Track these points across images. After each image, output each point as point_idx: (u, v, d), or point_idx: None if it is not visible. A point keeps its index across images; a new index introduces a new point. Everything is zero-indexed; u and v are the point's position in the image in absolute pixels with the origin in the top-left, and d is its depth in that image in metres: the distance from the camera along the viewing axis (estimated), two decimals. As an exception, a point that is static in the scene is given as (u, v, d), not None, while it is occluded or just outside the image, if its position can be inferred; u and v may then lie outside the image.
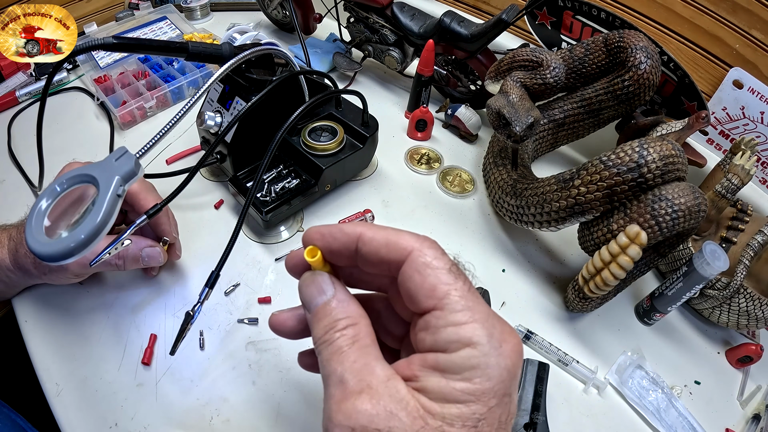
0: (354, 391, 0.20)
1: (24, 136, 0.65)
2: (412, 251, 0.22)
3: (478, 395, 0.20)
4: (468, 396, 0.20)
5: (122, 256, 0.42)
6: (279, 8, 0.89)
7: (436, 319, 0.21)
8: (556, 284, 0.54)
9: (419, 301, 0.22)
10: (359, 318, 0.23)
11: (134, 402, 0.40)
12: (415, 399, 0.20)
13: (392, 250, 0.23)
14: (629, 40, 0.52)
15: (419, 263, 0.22)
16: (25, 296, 0.46)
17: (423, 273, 0.22)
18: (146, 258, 0.43)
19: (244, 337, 0.45)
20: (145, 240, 0.44)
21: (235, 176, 0.54)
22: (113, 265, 0.43)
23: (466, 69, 0.74)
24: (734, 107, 0.57)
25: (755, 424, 0.46)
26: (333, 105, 0.61)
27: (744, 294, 0.47)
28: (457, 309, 0.21)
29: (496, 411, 0.20)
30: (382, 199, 0.61)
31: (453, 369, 0.20)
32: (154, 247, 0.44)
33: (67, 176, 0.33)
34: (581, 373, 0.46)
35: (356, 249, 0.24)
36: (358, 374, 0.21)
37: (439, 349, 0.21)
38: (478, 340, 0.20)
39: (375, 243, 0.23)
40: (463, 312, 0.21)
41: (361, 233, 0.24)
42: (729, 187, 0.49)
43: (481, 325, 0.21)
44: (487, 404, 0.20)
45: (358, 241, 0.24)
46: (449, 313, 0.21)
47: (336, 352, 0.22)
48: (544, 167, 0.68)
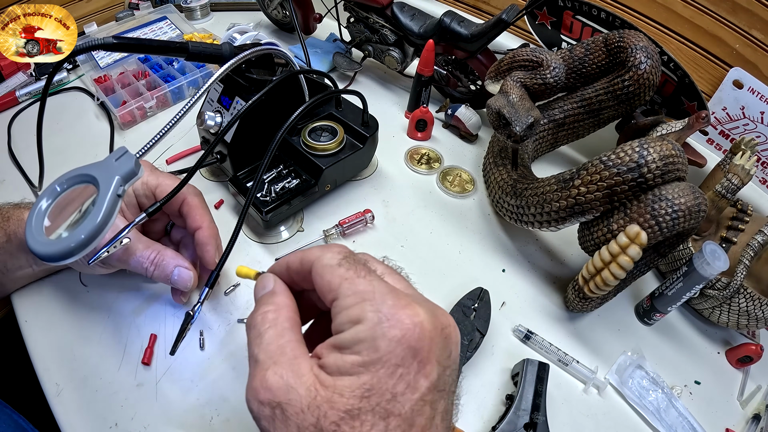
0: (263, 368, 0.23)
1: (24, 136, 0.65)
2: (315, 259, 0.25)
3: (367, 365, 0.21)
4: (357, 368, 0.21)
5: (156, 263, 0.41)
6: (279, 8, 0.89)
7: (335, 308, 0.24)
8: (556, 284, 0.54)
9: (324, 296, 0.25)
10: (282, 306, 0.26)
11: (134, 402, 0.40)
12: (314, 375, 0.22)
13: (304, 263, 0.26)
14: (629, 40, 0.52)
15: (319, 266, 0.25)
16: (25, 296, 0.46)
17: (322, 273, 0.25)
18: (176, 277, 0.41)
19: (244, 337, 0.45)
20: (183, 259, 0.42)
21: (235, 176, 0.54)
22: (143, 269, 0.41)
23: (466, 69, 0.74)
24: (734, 107, 0.57)
25: (755, 424, 0.46)
26: (333, 105, 0.61)
27: (744, 294, 0.47)
28: (348, 294, 0.23)
29: (387, 381, 0.21)
30: (382, 199, 0.61)
31: (345, 344, 0.22)
32: (189, 270, 0.42)
33: (67, 176, 0.33)
34: (581, 373, 0.46)
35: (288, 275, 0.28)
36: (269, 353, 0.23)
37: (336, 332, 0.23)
38: (364, 316, 0.22)
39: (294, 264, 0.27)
40: (351, 296, 0.23)
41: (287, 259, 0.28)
42: (729, 187, 0.49)
43: (368, 303, 0.23)
44: (376, 374, 0.21)
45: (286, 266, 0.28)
46: (342, 299, 0.23)
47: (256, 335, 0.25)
48: (544, 167, 0.68)
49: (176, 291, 0.45)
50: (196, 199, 0.44)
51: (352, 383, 0.21)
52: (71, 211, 0.34)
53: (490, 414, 0.43)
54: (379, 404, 0.21)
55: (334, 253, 0.25)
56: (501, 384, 0.45)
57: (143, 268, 0.41)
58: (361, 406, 0.21)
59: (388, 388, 0.21)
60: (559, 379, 0.46)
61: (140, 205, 0.44)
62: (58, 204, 0.33)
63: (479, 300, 0.48)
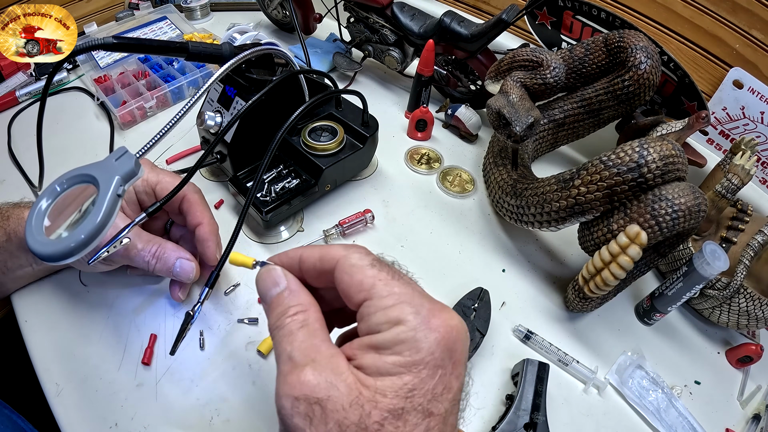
0: (300, 365, 0.22)
1: (24, 136, 0.65)
2: (340, 258, 0.25)
3: (409, 366, 0.21)
4: (399, 368, 0.21)
5: (158, 256, 0.41)
6: (279, 8, 0.89)
7: (367, 308, 0.23)
8: (556, 284, 0.54)
9: (352, 296, 0.24)
10: (309, 306, 0.26)
11: (134, 402, 0.40)
12: (353, 374, 0.22)
13: (325, 261, 0.26)
14: (629, 40, 0.52)
15: (346, 266, 0.25)
16: (25, 296, 0.46)
17: (350, 272, 0.25)
18: (178, 269, 0.42)
19: (244, 337, 0.45)
20: (184, 251, 0.42)
21: (235, 176, 0.54)
22: (144, 263, 0.41)
23: (466, 69, 0.74)
24: (734, 107, 0.57)
25: (755, 424, 0.46)
26: (333, 105, 0.61)
27: (744, 294, 0.47)
28: (383, 295, 0.23)
29: (428, 382, 0.21)
30: (382, 199, 0.61)
31: (384, 345, 0.22)
32: (191, 262, 0.42)
33: (67, 176, 0.33)
34: (581, 373, 0.46)
35: (299, 268, 0.28)
36: (305, 351, 0.23)
37: (372, 332, 0.23)
38: (405, 318, 0.22)
39: (311, 259, 0.27)
40: (389, 296, 0.23)
41: (300, 254, 0.28)
42: (729, 187, 0.49)
43: (407, 305, 0.23)
44: (419, 375, 0.21)
45: (299, 261, 0.27)
46: (377, 300, 0.23)
47: (287, 334, 0.24)
48: (544, 167, 0.68)
49: (175, 288, 0.45)
50: (196, 196, 0.44)
51: (395, 383, 0.21)
52: (71, 211, 0.34)
53: (490, 414, 0.43)
54: (421, 404, 0.21)
55: (362, 254, 0.25)
56: (501, 384, 0.45)
57: (145, 262, 0.41)
58: (404, 406, 0.21)
59: (429, 389, 0.21)
60: (559, 379, 0.46)
61: (140, 202, 0.44)
62: (58, 204, 0.33)
63: (479, 300, 0.48)
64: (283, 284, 0.27)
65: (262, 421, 0.40)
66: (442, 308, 0.24)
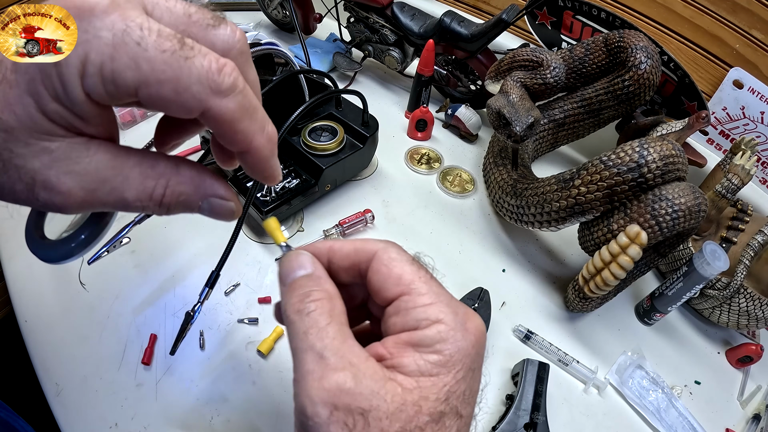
0: (336, 368, 0.20)
1: (24, 136, 0.65)
2: (378, 251, 0.25)
3: (449, 366, 0.21)
4: (439, 368, 0.21)
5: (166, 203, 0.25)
6: (279, 8, 0.89)
7: (405, 303, 0.23)
8: (556, 284, 0.54)
9: (387, 289, 0.24)
10: (335, 296, 0.24)
11: (134, 402, 0.40)
12: (390, 377, 0.21)
13: (361, 252, 0.25)
14: (629, 40, 0.52)
15: (385, 258, 0.24)
16: (25, 296, 0.46)
17: (389, 265, 0.24)
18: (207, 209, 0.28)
19: (244, 337, 0.45)
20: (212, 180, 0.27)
21: (235, 176, 0.54)
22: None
23: (466, 69, 0.74)
24: (734, 107, 0.57)
25: (755, 424, 0.46)
26: (333, 105, 0.61)
27: (744, 294, 0.47)
28: (423, 292, 0.23)
29: (462, 384, 0.21)
30: (382, 199, 0.61)
31: (425, 342, 0.22)
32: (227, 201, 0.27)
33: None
34: (581, 373, 0.46)
35: (328, 259, 0.26)
36: (339, 352, 0.21)
37: (410, 329, 0.22)
38: (444, 318, 0.22)
39: (345, 250, 0.26)
40: (428, 294, 0.23)
41: (330, 245, 0.26)
42: (729, 187, 0.49)
43: (446, 306, 0.23)
44: (456, 377, 0.21)
45: (328, 251, 0.26)
46: (417, 296, 0.23)
47: (313, 326, 0.22)
48: (544, 167, 0.68)
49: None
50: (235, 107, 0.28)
51: (436, 384, 0.21)
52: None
53: (490, 414, 0.43)
54: (455, 407, 0.21)
55: (400, 249, 0.25)
56: (501, 384, 0.45)
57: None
58: (442, 409, 0.21)
59: (462, 391, 0.21)
60: (559, 379, 0.46)
61: None
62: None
63: (479, 300, 0.48)
64: (309, 269, 0.25)
65: (262, 421, 0.40)
66: (474, 313, 0.24)
